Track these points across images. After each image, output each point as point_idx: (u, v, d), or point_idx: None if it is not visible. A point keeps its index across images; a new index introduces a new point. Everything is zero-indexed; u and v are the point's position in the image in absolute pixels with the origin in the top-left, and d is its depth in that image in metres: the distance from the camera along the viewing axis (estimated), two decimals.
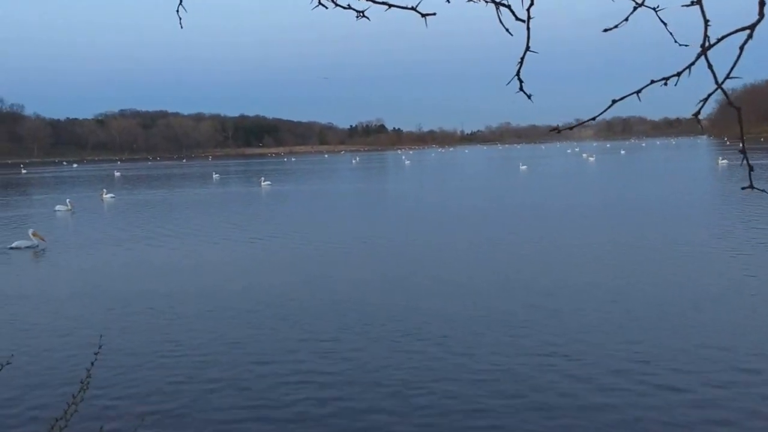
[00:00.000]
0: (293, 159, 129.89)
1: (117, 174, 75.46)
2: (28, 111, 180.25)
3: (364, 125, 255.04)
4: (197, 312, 11.59)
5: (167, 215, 30.15)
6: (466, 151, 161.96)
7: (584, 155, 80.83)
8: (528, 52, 1.61)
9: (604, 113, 1.53)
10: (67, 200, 33.44)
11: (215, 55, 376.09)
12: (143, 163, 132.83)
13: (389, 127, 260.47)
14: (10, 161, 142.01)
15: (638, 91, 1.44)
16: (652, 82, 1.41)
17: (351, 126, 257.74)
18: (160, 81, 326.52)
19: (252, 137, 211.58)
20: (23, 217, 30.32)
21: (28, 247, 19.79)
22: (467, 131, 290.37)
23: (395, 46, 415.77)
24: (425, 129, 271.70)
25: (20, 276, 16.37)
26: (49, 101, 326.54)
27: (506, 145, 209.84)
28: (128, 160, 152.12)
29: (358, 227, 23.13)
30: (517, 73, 1.63)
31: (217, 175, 63.82)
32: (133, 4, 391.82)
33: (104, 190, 42.13)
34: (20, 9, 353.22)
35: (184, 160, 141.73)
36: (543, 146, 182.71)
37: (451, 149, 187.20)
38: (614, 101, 1.49)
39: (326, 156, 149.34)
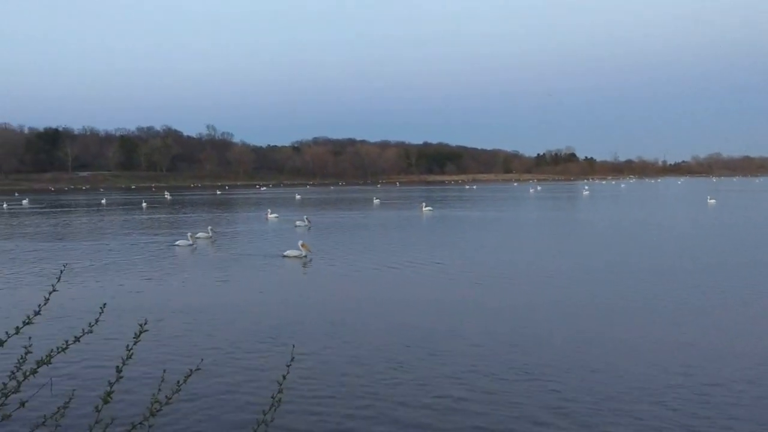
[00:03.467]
0: (467, 186, 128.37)
1: (298, 197, 78.47)
2: (236, 139, 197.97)
3: (553, 153, 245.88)
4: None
5: (323, 235, 30.79)
6: (679, 182, 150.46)
7: None
8: None
9: None
10: (305, 217, 36.29)
11: (400, 85, 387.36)
12: (327, 187, 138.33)
13: (580, 155, 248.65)
14: (219, 183, 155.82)
15: None
16: None
17: (538, 154, 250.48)
18: (350, 111, 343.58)
19: (434, 164, 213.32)
20: (269, 231, 33.47)
21: (296, 257, 21.74)
22: (670, 161, 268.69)
23: (588, 67, 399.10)
24: (622, 158, 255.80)
25: (279, 280, 18.23)
26: (254, 130, 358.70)
27: (718, 178, 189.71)
28: (319, 184, 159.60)
29: (481, 253, 23.15)
30: None
31: (378, 200, 64.71)
32: (327, 46, 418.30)
33: (269, 210, 44.34)
34: (229, 52, 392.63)
35: (379, 185, 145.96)
36: (757, 179, 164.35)
37: (656, 180, 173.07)
38: None
39: (515, 184, 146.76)
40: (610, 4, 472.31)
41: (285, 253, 22.19)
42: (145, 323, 2.89)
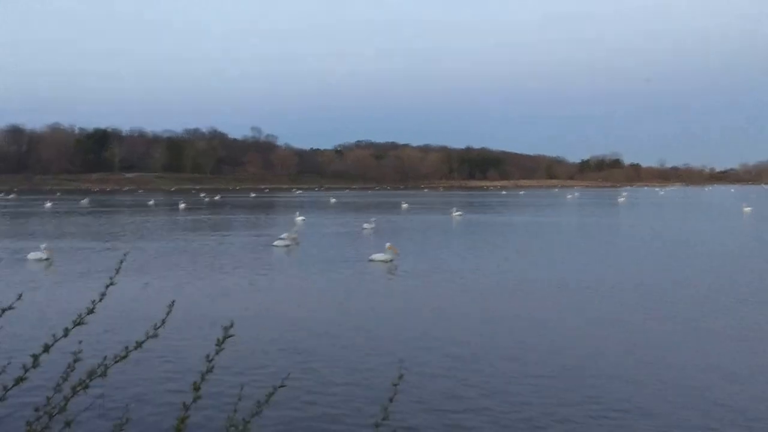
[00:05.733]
0: (504, 192, 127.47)
1: (333, 201, 79.27)
2: (280, 141, 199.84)
3: (598, 159, 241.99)
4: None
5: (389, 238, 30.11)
6: (732, 189, 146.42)
7: None
8: None
9: None
10: (372, 219, 37.38)
11: (443, 89, 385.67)
12: (366, 191, 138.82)
13: (626, 161, 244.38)
14: (262, 186, 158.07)
15: None
16: None
17: (582, 160, 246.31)
18: (392, 114, 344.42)
19: (476, 170, 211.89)
20: (333, 234, 34.29)
21: (382, 260, 21.44)
22: (718, 168, 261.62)
23: (634, 72, 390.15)
24: (669, 165, 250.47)
25: (373, 285, 17.81)
26: (298, 133, 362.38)
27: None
28: (360, 188, 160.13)
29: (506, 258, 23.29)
30: None
31: (406, 204, 64.97)
32: (374, 53, 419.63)
33: (297, 213, 45.89)
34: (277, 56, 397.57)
35: (426, 190, 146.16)
36: None
37: (707, 188, 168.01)
38: None
39: (555, 190, 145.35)
40: (657, 9, 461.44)
41: (372, 257, 21.93)
42: (231, 326, 2.37)
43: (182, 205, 63.17)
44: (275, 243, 27.20)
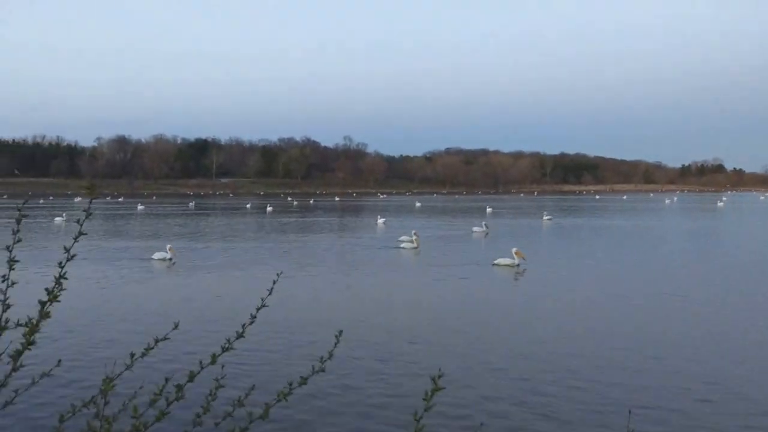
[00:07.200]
0: (597, 197, 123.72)
1: (418, 205, 79.04)
2: (370, 149, 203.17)
3: (699, 164, 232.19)
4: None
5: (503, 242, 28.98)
6: None
7: None
8: None
9: None
10: (483, 223, 37.72)
11: (539, 96, 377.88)
12: (453, 196, 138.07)
13: (728, 166, 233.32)
14: (349, 190, 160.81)
15: None
16: None
17: (683, 165, 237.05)
18: (483, 121, 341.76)
19: (570, 175, 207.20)
20: (445, 237, 33.82)
21: (507, 265, 20.86)
22: None
23: (736, 77, 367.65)
24: None
25: (496, 290, 17.42)
26: (388, 141, 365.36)
27: None
28: (448, 193, 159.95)
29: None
30: None
31: (490, 209, 63.99)
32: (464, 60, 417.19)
33: (378, 216, 46.75)
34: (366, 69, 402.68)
35: (522, 195, 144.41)
36: None
37: None
38: None
39: (651, 195, 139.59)
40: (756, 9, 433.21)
41: (496, 261, 21.31)
42: (440, 376, 1.91)
43: (269, 209, 64.40)
44: (402, 245, 27.33)
